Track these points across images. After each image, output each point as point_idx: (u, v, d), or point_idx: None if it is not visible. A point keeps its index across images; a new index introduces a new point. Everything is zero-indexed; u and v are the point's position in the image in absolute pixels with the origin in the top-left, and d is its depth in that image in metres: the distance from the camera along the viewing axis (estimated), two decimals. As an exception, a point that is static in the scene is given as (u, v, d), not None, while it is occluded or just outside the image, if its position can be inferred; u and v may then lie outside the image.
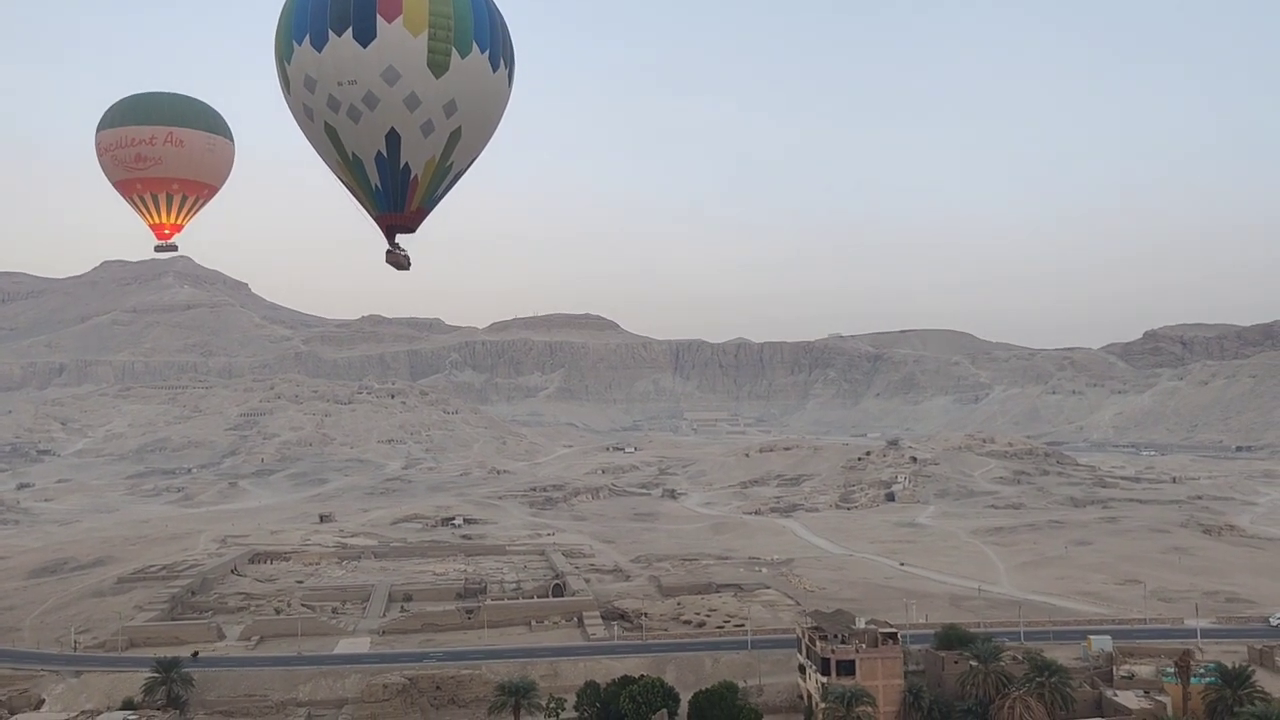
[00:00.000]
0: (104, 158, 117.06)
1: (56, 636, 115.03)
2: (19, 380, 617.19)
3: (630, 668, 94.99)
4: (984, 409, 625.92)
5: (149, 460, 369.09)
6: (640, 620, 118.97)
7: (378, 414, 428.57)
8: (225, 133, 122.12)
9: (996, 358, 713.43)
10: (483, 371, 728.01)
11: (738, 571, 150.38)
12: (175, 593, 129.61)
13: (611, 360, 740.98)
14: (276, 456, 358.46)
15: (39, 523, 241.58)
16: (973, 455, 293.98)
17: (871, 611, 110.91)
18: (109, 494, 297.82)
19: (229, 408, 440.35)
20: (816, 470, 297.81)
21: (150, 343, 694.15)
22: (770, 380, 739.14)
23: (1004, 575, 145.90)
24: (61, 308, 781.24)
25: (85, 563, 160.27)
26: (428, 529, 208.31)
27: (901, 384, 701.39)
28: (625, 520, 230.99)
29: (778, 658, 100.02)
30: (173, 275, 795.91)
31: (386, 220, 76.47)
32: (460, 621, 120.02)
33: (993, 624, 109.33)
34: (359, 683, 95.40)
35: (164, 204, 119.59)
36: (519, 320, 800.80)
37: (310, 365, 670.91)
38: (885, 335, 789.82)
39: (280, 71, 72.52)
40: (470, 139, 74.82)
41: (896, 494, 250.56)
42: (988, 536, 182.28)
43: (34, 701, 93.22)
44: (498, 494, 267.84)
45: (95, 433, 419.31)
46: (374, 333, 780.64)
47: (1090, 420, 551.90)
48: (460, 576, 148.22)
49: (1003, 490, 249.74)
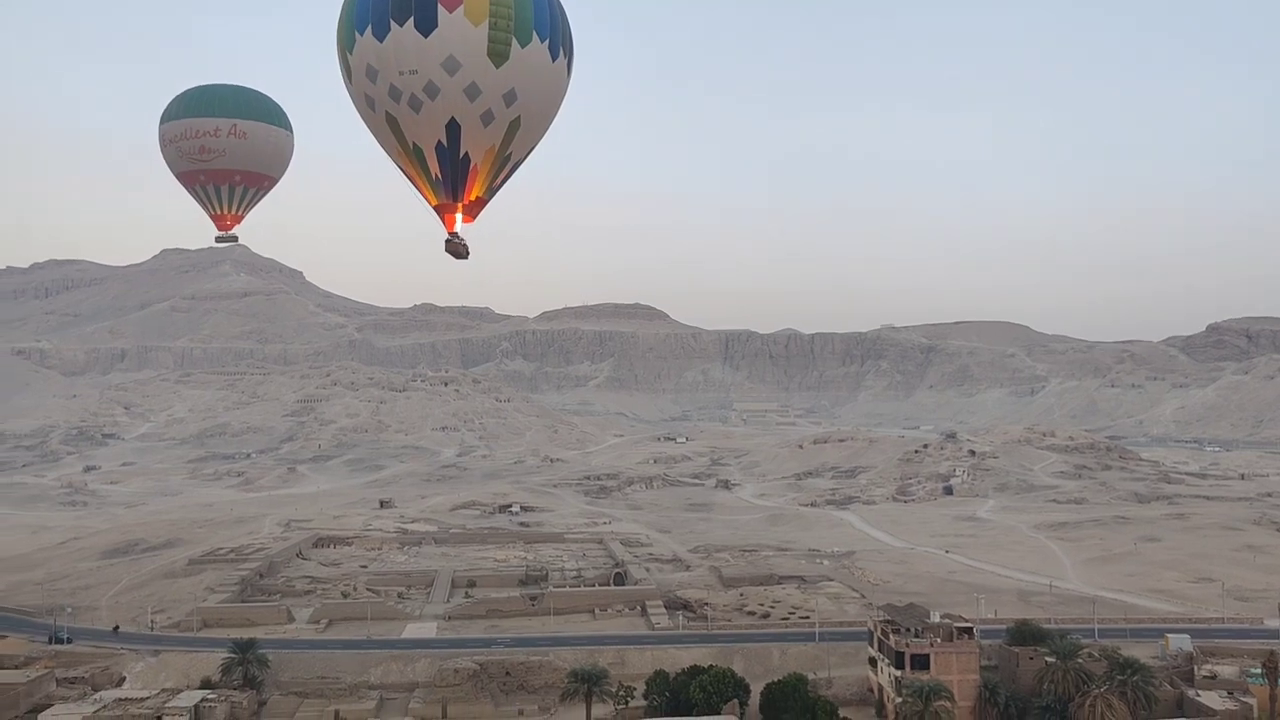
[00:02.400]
0: (168, 149, 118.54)
1: (133, 616, 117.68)
2: (83, 365, 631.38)
3: (697, 657, 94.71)
4: (1040, 402, 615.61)
5: (209, 445, 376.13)
6: (704, 610, 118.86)
7: (432, 401, 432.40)
8: (285, 125, 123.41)
9: (1053, 350, 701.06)
10: (533, 360, 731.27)
11: (799, 563, 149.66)
12: (244, 575, 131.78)
13: (661, 350, 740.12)
14: (333, 442, 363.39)
15: (106, 505, 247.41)
16: (1032, 449, 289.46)
17: (937, 606, 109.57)
18: (171, 477, 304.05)
19: (286, 394, 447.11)
20: (872, 462, 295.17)
21: (208, 329, 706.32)
22: (821, 371, 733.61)
23: (1071, 571, 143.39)
24: (123, 295, 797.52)
25: (155, 544, 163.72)
26: (485, 516, 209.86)
27: (955, 376, 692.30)
28: (680, 510, 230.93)
29: (846, 650, 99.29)
30: (230, 263, 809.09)
31: (446, 209, 76.72)
32: (524, 608, 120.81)
33: (1064, 620, 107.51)
34: (429, 667, 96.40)
35: (225, 195, 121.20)
36: (569, 310, 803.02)
37: (364, 353, 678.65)
38: (939, 327, 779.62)
39: (342, 61, 72.97)
40: (529, 128, 74.89)
41: (954, 487, 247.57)
42: (1051, 531, 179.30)
43: (115, 679, 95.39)
44: (552, 482, 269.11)
45: (157, 417, 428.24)
46: (426, 321, 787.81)
47: (1151, 414, 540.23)
48: (521, 563, 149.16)
49: (1064, 485, 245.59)
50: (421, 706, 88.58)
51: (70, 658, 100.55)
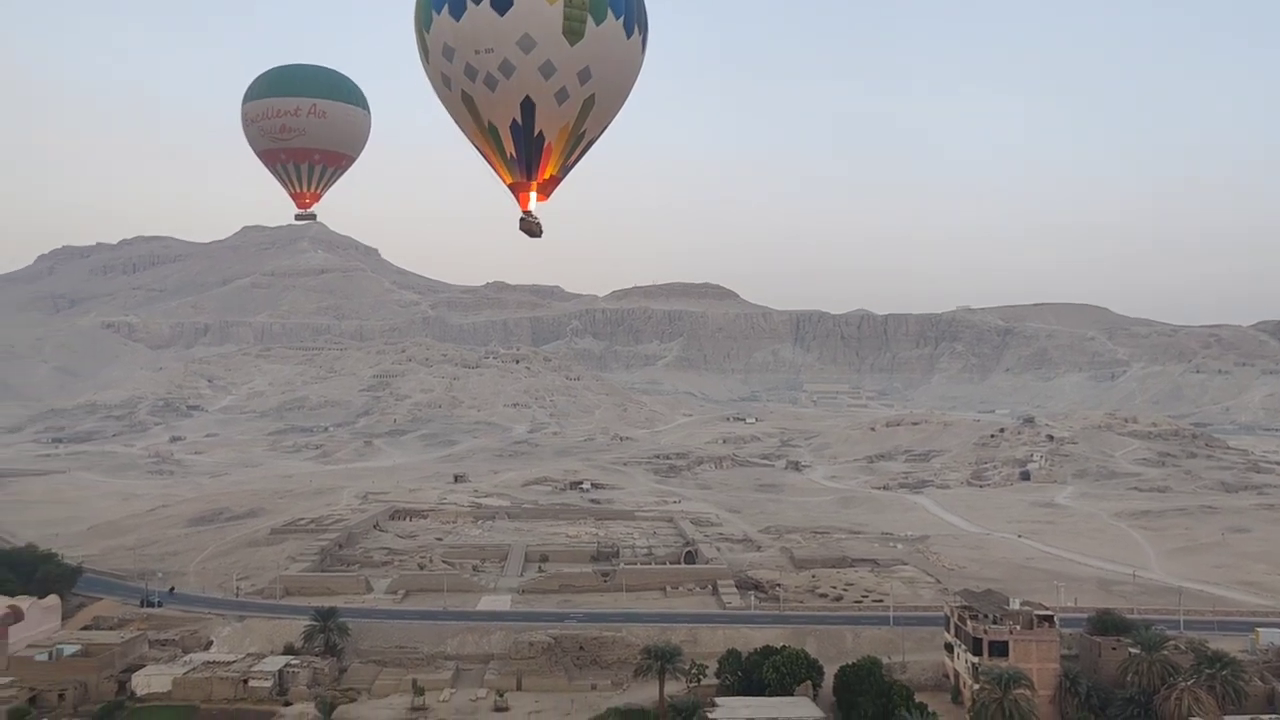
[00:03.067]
0: (250, 128, 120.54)
1: (219, 582, 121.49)
2: (167, 339, 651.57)
3: (769, 638, 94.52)
4: (1121, 387, 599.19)
5: (288, 418, 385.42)
6: (775, 591, 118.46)
7: (504, 379, 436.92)
8: (363, 104, 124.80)
9: (1135, 334, 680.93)
10: (602, 339, 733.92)
11: (872, 547, 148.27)
12: (324, 545, 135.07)
13: (730, 330, 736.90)
14: (408, 417, 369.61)
15: (191, 474, 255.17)
16: (1113, 435, 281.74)
17: (1014, 592, 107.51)
18: (252, 449, 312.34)
19: (362, 369, 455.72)
20: (946, 446, 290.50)
21: (287, 305, 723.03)
22: (894, 353, 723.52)
23: (1154, 561, 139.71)
24: (205, 271, 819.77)
25: (239, 514, 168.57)
26: (557, 492, 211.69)
27: (1033, 359, 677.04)
28: (750, 491, 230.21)
29: (921, 635, 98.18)
30: (308, 240, 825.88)
31: (520, 187, 76.97)
32: (596, 584, 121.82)
33: (1147, 611, 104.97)
34: (504, 639, 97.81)
35: (305, 174, 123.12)
36: (638, 289, 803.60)
37: (437, 330, 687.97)
38: (1016, 308, 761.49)
39: (419, 41, 73.36)
40: (603, 106, 74.60)
41: (1032, 473, 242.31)
42: (1133, 520, 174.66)
43: (203, 642, 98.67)
44: (622, 460, 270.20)
45: (238, 390, 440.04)
46: (498, 299, 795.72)
47: (1238, 401, 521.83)
48: (592, 540, 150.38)
49: (1146, 472, 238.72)
50: (497, 678, 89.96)
51: (161, 620, 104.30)
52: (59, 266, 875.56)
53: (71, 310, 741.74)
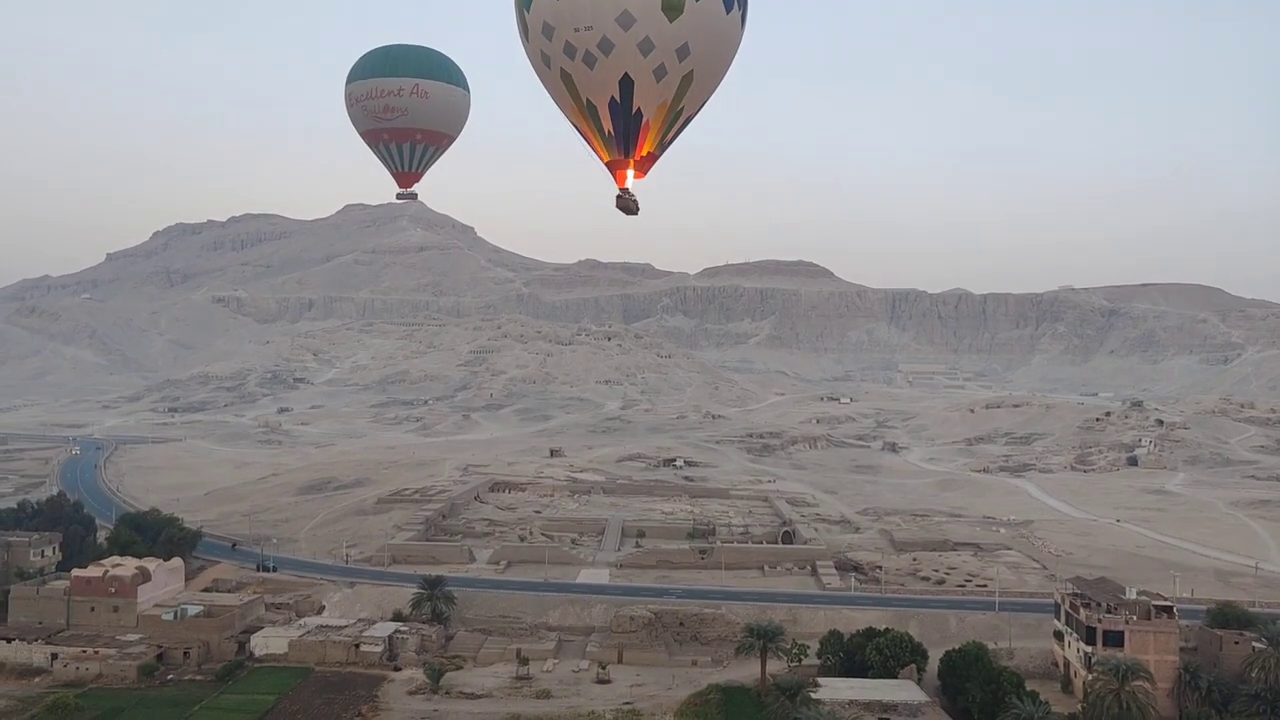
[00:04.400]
0: (354, 108, 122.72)
1: (329, 549, 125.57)
2: (274, 313, 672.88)
3: (871, 620, 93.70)
4: (1235, 371, 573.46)
5: (390, 391, 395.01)
6: (875, 573, 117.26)
7: (596, 355, 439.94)
8: (463, 84, 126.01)
9: (1251, 315, 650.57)
10: (693, 317, 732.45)
11: (973, 530, 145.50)
12: (429, 515, 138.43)
13: (824, 308, 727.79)
14: (504, 392, 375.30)
15: (298, 444, 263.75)
16: (1228, 421, 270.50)
17: (1124, 581, 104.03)
18: (356, 420, 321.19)
19: (460, 344, 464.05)
20: (1049, 429, 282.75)
21: (388, 281, 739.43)
22: (993, 333, 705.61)
23: (1275, 552, 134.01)
24: (309, 248, 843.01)
25: (346, 483, 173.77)
26: (650, 468, 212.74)
27: (1139, 341, 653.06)
28: (845, 472, 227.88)
29: (1027, 622, 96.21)
30: (407, 219, 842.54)
31: (618, 165, 76.83)
32: (694, 560, 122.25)
33: (1270, 604, 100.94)
34: (605, 613, 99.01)
35: (407, 153, 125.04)
36: (730, 266, 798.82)
37: (530, 306, 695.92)
38: (1122, 289, 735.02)
39: (520, 20, 73.54)
40: (701, 83, 73.75)
41: (1140, 458, 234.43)
42: (1251, 509, 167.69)
43: (316, 607, 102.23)
44: (714, 438, 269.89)
45: (342, 364, 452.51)
46: (589, 276, 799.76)
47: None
48: (688, 517, 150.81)
49: (1264, 460, 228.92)
50: (598, 650, 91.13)
51: (276, 585, 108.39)
52: (172, 243, 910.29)
53: (184, 285, 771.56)
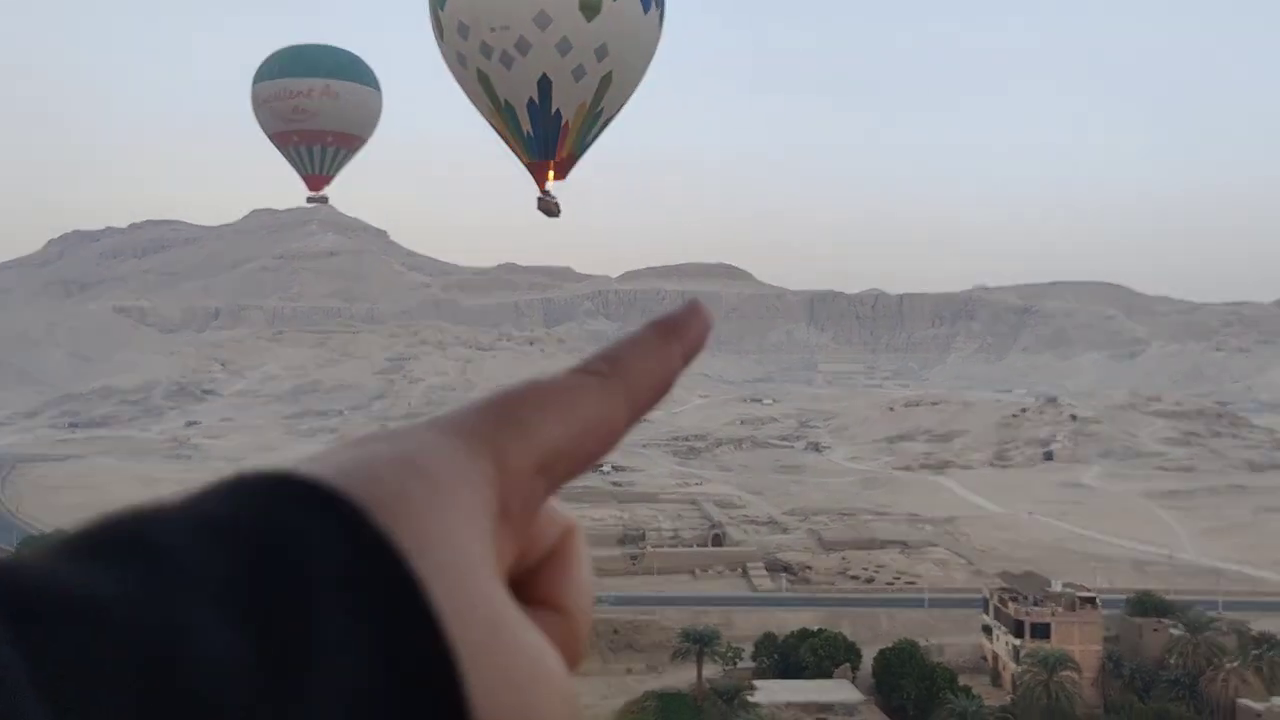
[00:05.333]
0: (261, 109, 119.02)
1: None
2: (179, 323, 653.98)
3: (804, 620, 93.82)
4: (1141, 366, 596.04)
5: (303, 401, 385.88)
6: (806, 573, 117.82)
7: (518, 361, 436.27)
8: (375, 84, 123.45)
9: (1155, 312, 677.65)
10: (615, 320, 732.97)
11: (900, 528, 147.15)
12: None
13: (744, 310, 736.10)
14: (423, 401, 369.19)
15: (209, 459, 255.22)
16: (1137, 414, 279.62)
17: (1047, 574, 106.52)
18: (268, 433, 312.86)
19: (375, 352, 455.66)
20: (967, 426, 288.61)
21: (298, 288, 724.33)
22: (909, 332, 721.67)
23: (1186, 541, 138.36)
24: (215, 254, 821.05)
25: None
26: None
27: (1051, 338, 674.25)
28: (771, 472, 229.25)
29: (956, 617, 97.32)
30: (317, 223, 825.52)
31: (537, 167, 76.31)
32: (625, 567, 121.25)
33: (1184, 592, 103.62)
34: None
35: (318, 156, 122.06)
36: (651, 269, 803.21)
37: (448, 312, 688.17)
38: (1033, 287, 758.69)
39: (434, 19, 72.55)
40: (621, 83, 73.63)
41: (1055, 453, 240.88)
42: (1162, 500, 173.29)
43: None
44: (641, 442, 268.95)
45: (252, 374, 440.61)
46: (509, 281, 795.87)
47: (1260, 380, 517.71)
48: (617, 522, 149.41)
49: (1172, 452, 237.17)
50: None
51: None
52: (69, 251, 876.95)
53: (83, 295, 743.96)
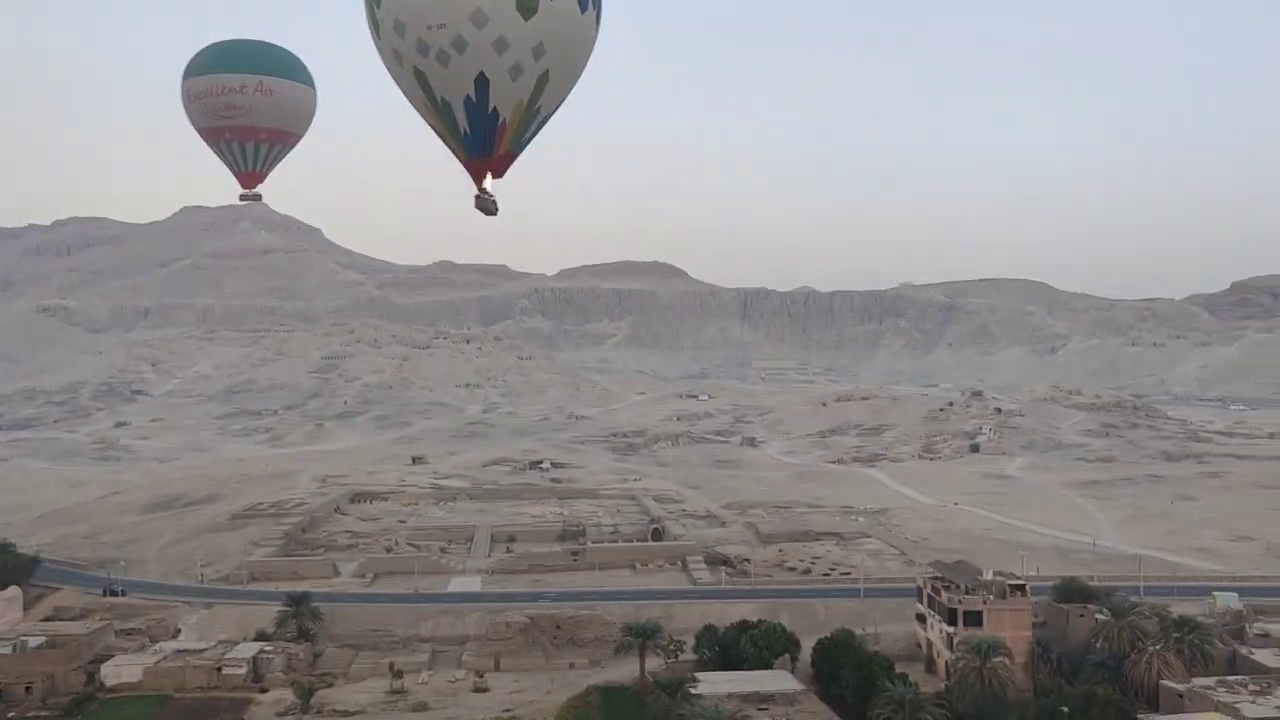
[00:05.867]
0: (192, 105, 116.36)
1: (182, 569, 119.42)
2: (107, 323, 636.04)
3: (743, 612, 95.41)
4: (1060, 360, 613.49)
5: (236, 401, 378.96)
6: (744, 566, 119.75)
7: (454, 359, 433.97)
8: (309, 81, 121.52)
9: (1074, 308, 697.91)
10: (551, 318, 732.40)
11: (834, 520, 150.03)
12: (287, 530, 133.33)
13: (679, 308, 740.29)
14: (359, 399, 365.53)
15: (140, 459, 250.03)
16: (1059, 407, 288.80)
17: (975, 562, 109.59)
18: (201, 433, 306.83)
19: (310, 351, 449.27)
20: (897, 420, 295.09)
21: (230, 287, 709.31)
22: (839, 329, 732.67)
23: (1107, 529, 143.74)
24: (144, 252, 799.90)
25: (196, 499, 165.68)
26: (517, 472, 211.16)
27: (974, 334, 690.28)
28: (708, 467, 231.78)
29: (890, 607, 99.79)
30: (249, 221, 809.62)
31: (475, 165, 76.09)
32: (566, 563, 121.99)
33: (1106, 578, 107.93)
34: (479, 621, 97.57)
35: (251, 153, 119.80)
36: (587, 268, 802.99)
37: (384, 310, 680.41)
38: (958, 284, 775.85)
39: (370, 17, 72.01)
40: (558, 82, 73.90)
41: (981, 445, 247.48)
42: (1083, 490, 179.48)
43: (172, 630, 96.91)
44: (579, 439, 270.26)
45: (184, 374, 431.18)
46: (445, 279, 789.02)
47: (1172, 373, 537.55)
48: (558, 519, 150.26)
49: (1091, 443, 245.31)
50: (474, 659, 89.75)
51: (125, 609, 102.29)
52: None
53: (4, 294, 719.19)
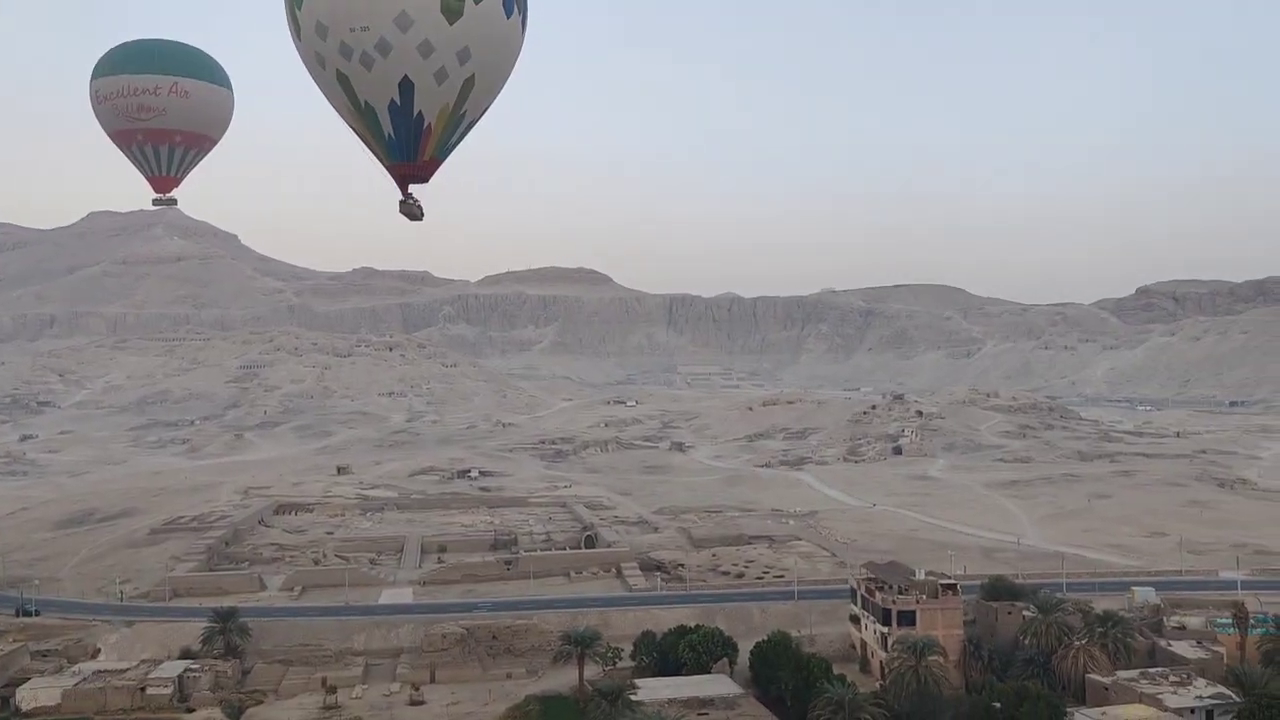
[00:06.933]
0: (102, 106, 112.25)
1: (98, 587, 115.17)
2: (10, 332, 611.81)
3: (680, 617, 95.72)
4: (976, 364, 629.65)
5: (150, 412, 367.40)
6: (678, 571, 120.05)
7: (377, 367, 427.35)
8: (226, 83, 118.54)
9: (989, 313, 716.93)
10: (476, 325, 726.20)
11: (765, 523, 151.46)
12: (210, 544, 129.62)
13: (605, 314, 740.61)
14: (279, 409, 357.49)
15: (48, 474, 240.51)
16: (977, 409, 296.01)
17: (905, 563, 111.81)
18: (113, 446, 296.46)
19: (228, 360, 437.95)
20: (821, 424, 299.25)
21: (141, 294, 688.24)
22: (763, 334, 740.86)
23: (1028, 527, 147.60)
24: (49, 259, 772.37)
25: (111, 514, 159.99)
26: (445, 481, 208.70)
27: (894, 339, 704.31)
28: (637, 473, 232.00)
29: (825, 608, 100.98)
30: (162, 227, 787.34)
31: (400, 170, 75.28)
32: (499, 572, 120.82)
33: (1030, 575, 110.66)
34: (413, 632, 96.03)
35: (165, 156, 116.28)
36: (512, 274, 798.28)
37: (303, 318, 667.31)
38: (878, 290, 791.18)
39: (290, 18, 70.75)
40: (483, 87, 73.52)
41: (904, 447, 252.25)
42: (1003, 489, 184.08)
43: (90, 651, 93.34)
44: (507, 447, 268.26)
45: (94, 384, 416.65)
46: (366, 285, 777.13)
47: (1083, 375, 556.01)
48: (489, 528, 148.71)
49: (1009, 444, 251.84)
50: (409, 671, 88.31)
51: (40, 630, 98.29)
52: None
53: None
